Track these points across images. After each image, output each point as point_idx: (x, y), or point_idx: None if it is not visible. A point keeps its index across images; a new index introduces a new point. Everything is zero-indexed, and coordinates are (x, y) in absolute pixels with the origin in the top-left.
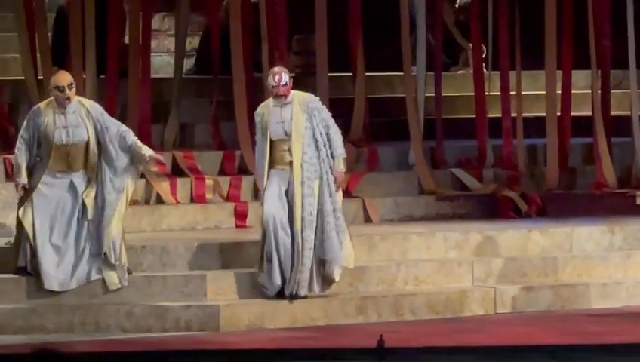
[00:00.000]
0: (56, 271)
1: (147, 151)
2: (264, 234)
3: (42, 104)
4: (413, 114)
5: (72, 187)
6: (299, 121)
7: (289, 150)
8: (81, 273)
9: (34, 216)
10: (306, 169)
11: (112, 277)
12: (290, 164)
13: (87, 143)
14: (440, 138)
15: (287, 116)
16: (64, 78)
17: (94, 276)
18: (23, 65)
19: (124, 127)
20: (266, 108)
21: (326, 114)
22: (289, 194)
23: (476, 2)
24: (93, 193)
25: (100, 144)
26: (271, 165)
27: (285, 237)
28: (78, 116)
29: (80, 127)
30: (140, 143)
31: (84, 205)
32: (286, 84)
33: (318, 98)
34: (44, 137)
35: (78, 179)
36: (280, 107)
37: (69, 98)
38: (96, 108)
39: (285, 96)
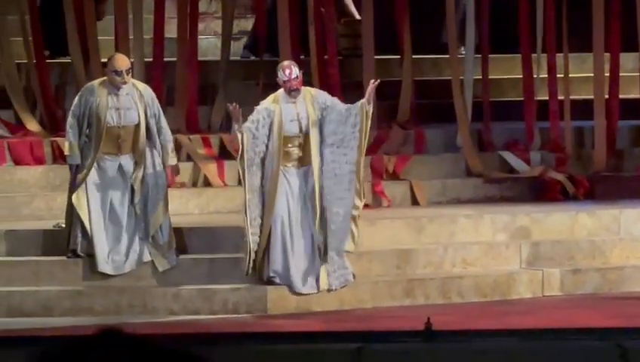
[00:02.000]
0: (110, 254)
1: (172, 160)
2: (263, 231)
3: (96, 82)
4: (459, 96)
5: (121, 170)
6: (313, 117)
7: (299, 146)
8: (133, 256)
9: (88, 201)
10: (317, 163)
11: (161, 260)
12: (300, 160)
13: (138, 126)
14: (487, 120)
15: (303, 112)
16: (123, 62)
17: (145, 259)
18: (71, 48)
19: (164, 123)
20: (276, 105)
21: (333, 101)
22: (306, 191)
23: None
24: (140, 176)
25: (148, 128)
26: (277, 160)
27: (294, 236)
28: (130, 98)
29: (132, 109)
30: (170, 148)
31: (132, 189)
32: (297, 77)
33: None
34: (95, 117)
35: (127, 161)
36: (293, 103)
37: (125, 82)
38: (149, 92)
39: (298, 90)
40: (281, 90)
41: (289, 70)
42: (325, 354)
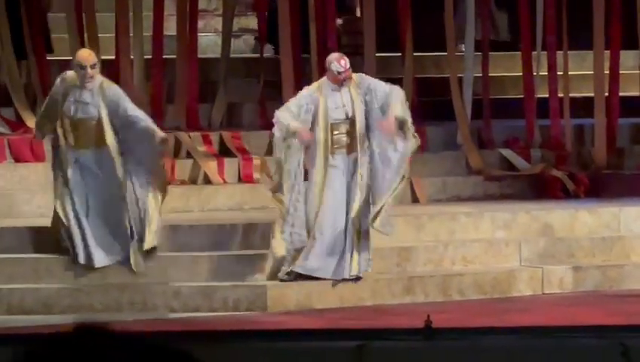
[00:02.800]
0: (90, 249)
1: (158, 134)
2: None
3: (70, 72)
4: (457, 94)
5: (97, 164)
6: (359, 104)
7: (347, 133)
8: (113, 252)
9: (66, 198)
10: (364, 153)
11: (137, 259)
12: (348, 146)
13: (100, 121)
14: (487, 118)
15: (347, 99)
16: (88, 57)
17: (125, 256)
18: (71, 45)
19: (135, 112)
20: (320, 92)
21: (375, 83)
22: (351, 178)
23: None
24: (119, 172)
25: (114, 125)
26: (325, 149)
27: (329, 224)
28: (92, 95)
29: (90, 105)
30: (151, 126)
31: (109, 184)
32: (350, 68)
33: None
34: (60, 107)
35: (91, 155)
36: (339, 92)
37: (91, 77)
38: (113, 91)
39: (350, 80)
40: (324, 79)
41: (344, 61)
42: (326, 352)
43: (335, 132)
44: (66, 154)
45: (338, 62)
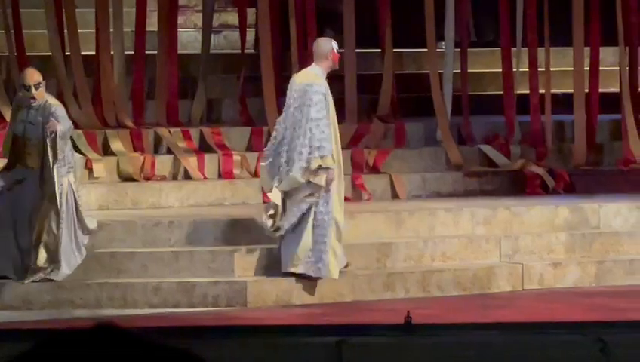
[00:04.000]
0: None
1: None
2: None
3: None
4: (437, 90)
5: (29, 184)
6: None
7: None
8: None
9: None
10: None
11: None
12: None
13: (43, 141)
14: (466, 114)
15: None
16: (32, 77)
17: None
18: (51, 41)
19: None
20: (324, 83)
21: None
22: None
23: None
24: (48, 190)
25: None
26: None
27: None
28: (38, 115)
29: (36, 125)
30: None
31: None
32: None
33: None
34: (10, 127)
35: (35, 176)
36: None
37: (34, 98)
38: (56, 111)
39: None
40: (318, 68)
41: (335, 42)
42: (306, 347)
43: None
44: (14, 174)
45: (334, 42)
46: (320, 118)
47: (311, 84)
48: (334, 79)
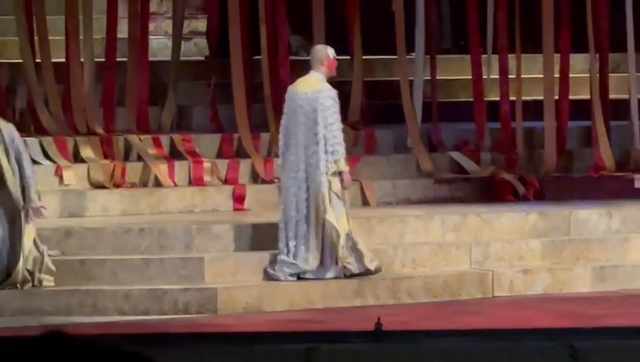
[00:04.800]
0: None
1: (34, 202)
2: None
3: None
4: (408, 97)
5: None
6: None
7: None
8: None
9: None
10: None
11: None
12: None
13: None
14: (437, 121)
15: None
16: None
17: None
18: (21, 48)
19: (26, 162)
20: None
21: None
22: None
23: None
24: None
25: (12, 168)
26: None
27: None
28: None
29: None
30: (32, 189)
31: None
32: None
33: None
34: None
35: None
36: None
37: None
38: (9, 131)
39: None
40: (321, 75)
41: (332, 49)
42: (276, 354)
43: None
44: None
45: (330, 48)
46: (332, 122)
47: (320, 89)
48: None
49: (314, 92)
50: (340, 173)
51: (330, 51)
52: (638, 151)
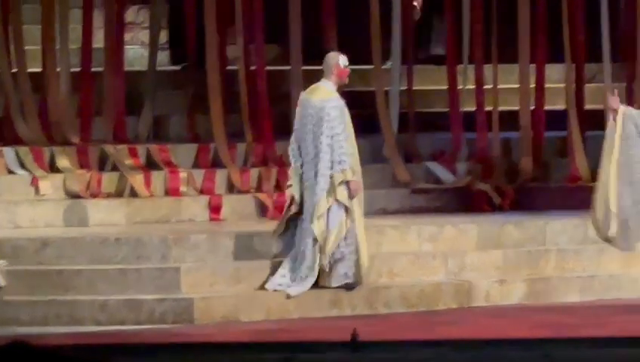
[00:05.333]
0: None
1: None
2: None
3: None
4: (384, 107)
5: None
6: None
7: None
8: None
9: None
10: None
11: None
12: None
13: None
14: (413, 131)
15: None
16: None
17: None
18: None
19: None
20: (340, 98)
21: None
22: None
23: None
24: None
25: None
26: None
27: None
28: None
29: None
30: None
31: None
32: None
33: None
34: None
35: None
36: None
37: None
38: None
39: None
40: (330, 84)
41: (344, 57)
42: None
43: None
44: None
45: (343, 57)
46: (339, 132)
47: (327, 99)
48: (280, 97)
49: (321, 101)
50: (347, 182)
51: (342, 59)
52: None
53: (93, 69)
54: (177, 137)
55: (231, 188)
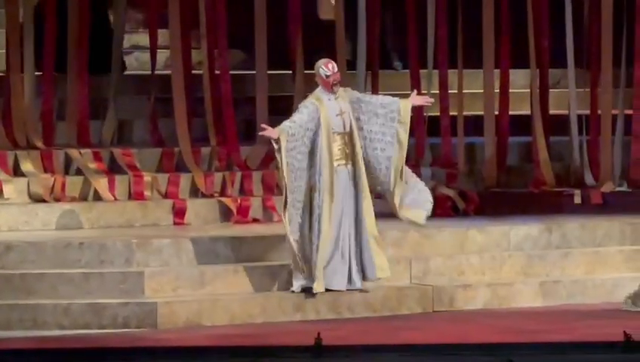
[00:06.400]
0: None
1: None
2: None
3: None
4: None
5: None
6: (350, 113)
7: (345, 144)
8: None
9: None
10: (362, 163)
11: None
12: (347, 156)
13: None
14: None
15: (345, 108)
16: None
17: None
18: None
19: None
20: (319, 101)
21: (364, 95)
22: (346, 193)
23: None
24: None
25: None
26: (330, 160)
27: (343, 234)
28: None
29: None
30: None
31: None
32: (338, 71)
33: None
34: None
35: None
36: (335, 99)
37: None
38: None
39: (339, 84)
40: (318, 89)
41: (331, 65)
42: None
43: (334, 143)
44: None
45: (325, 66)
46: (294, 119)
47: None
48: (244, 101)
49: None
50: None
51: (323, 70)
52: (577, 167)
53: (57, 73)
54: (141, 141)
55: (195, 193)
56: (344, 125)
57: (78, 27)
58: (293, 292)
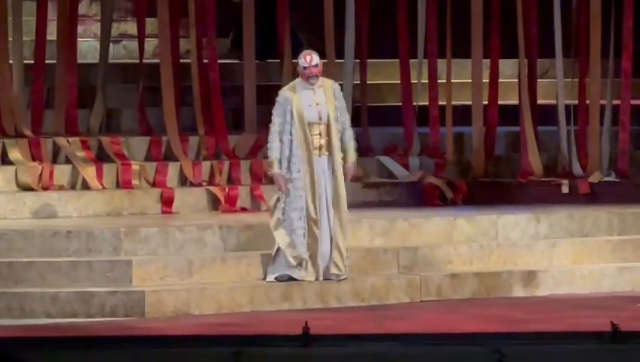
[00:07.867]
0: None
1: None
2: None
3: None
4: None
5: None
6: (332, 105)
7: (320, 134)
8: None
9: None
10: (338, 153)
11: None
12: (321, 148)
13: None
14: (366, 125)
15: (322, 99)
16: None
17: None
18: None
19: None
20: (292, 92)
21: (343, 102)
22: (324, 179)
23: None
24: None
25: None
26: (307, 150)
27: (320, 226)
28: None
29: None
30: None
31: None
32: (317, 65)
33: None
34: None
35: None
36: (311, 90)
37: None
38: None
39: (317, 77)
40: (298, 79)
41: (309, 57)
42: (202, 358)
43: (310, 132)
44: None
45: (304, 57)
46: (273, 122)
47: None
48: (233, 91)
49: None
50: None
51: (302, 61)
52: (565, 157)
53: (46, 62)
54: (129, 130)
55: (183, 181)
56: (320, 116)
57: (64, 16)
58: (268, 282)
